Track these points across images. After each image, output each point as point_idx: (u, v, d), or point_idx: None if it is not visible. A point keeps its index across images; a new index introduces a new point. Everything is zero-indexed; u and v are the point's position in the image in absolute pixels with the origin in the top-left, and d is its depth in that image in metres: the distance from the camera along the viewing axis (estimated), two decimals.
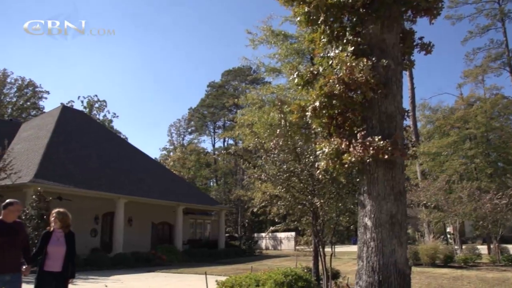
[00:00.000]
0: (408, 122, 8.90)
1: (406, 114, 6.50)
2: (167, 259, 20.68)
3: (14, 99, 54.22)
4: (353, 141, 5.74)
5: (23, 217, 15.20)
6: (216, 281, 7.43)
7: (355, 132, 5.98)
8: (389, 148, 5.46)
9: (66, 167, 20.47)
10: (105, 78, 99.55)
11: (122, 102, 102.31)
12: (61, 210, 5.75)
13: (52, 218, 5.65)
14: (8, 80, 52.65)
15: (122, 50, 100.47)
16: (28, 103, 55.08)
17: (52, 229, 5.63)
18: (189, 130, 72.94)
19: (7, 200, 5.38)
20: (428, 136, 40.68)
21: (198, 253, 24.09)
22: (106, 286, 11.23)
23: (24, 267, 5.36)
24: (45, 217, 15.10)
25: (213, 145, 71.86)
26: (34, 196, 15.49)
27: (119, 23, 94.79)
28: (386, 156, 5.48)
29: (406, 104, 25.57)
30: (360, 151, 5.53)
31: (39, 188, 16.08)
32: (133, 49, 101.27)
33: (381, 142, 5.51)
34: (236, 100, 18.91)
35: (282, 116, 8.51)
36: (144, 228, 25.63)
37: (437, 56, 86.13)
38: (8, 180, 16.51)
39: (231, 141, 64.69)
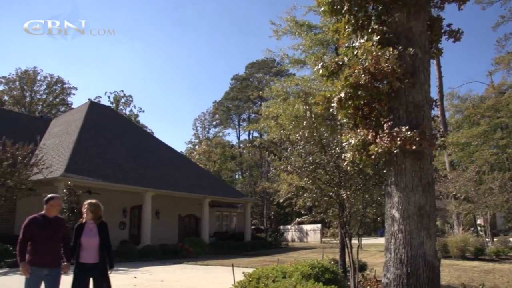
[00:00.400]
0: (436, 112, 8.68)
1: (434, 103, 6.37)
2: (194, 251, 20.95)
3: (44, 96, 55.74)
4: (380, 131, 5.67)
5: None
6: (243, 273, 7.48)
7: (382, 122, 5.90)
8: (417, 139, 5.36)
9: (95, 162, 20.94)
10: (131, 73, 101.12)
11: (148, 97, 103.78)
12: (93, 201, 5.68)
13: (84, 210, 5.59)
14: (38, 77, 54.17)
15: (147, 45, 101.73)
16: (57, 100, 56.55)
17: (84, 220, 5.57)
18: (214, 123, 73.41)
19: (48, 195, 5.38)
20: (457, 126, 39.72)
21: (224, 245, 24.31)
22: (135, 277, 11.48)
23: (63, 263, 5.36)
24: (75, 210, 15.54)
25: (238, 138, 72.20)
26: (64, 190, 15.92)
27: (142, 17, 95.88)
28: (413, 147, 5.39)
29: (434, 93, 24.94)
30: (387, 142, 5.45)
31: (69, 182, 16.51)
32: (157, 43, 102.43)
33: (409, 132, 5.42)
34: (260, 92, 18.89)
35: (307, 107, 8.45)
36: (171, 221, 26.03)
37: (466, 43, 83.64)
38: (41, 175, 17.01)
39: (256, 134, 64.84)
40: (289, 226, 40.13)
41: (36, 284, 5.01)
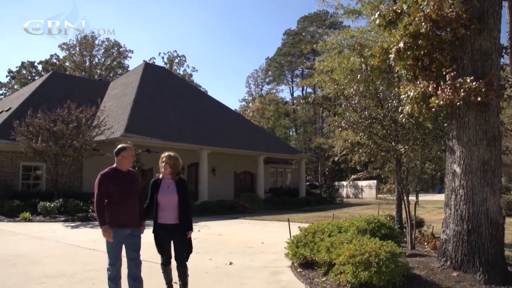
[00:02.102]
0: (505, 60, 8.01)
1: (503, 51, 5.87)
2: (249, 207, 21.46)
3: (102, 60, 57.77)
4: (441, 83, 5.36)
5: None
6: (299, 227, 7.58)
7: (444, 73, 5.56)
8: (483, 89, 5.02)
9: (152, 121, 21.63)
10: (183, 33, 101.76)
11: (201, 57, 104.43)
12: (172, 154, 4.99)
13: (162, 164, 4.91)
14: (96, 42, 56.01)
15: (198, 4, 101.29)
16: (115, 63, 58.48)
17: (161, 176, 4.96)
18: (267, 80, 72.96)
19: (119, 146, 4.76)
20: None
21: (279, 201, 24.69)
22: (199, 230, 11.99)
23: (141, 223, 4.79)
24: (136, 168, 16.27)
25: (292, 94, 71.54)
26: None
27: None
28: (478, 98, 5.06)
29: (504, 39, 23.06)
30: (449, 93, 5.14)
31: (129, 142, 17.21)
32: (209, 2, 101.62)
33: (474, 83, 5.08)
34: (314, 46, 18.32)
35: (363, 60, 8.12)
36: (227, 178, 26.69)
37: None
38: (103, 136, 17.88)
39: (309, 90, 63.88)
40: (344, 182, 39.95)
41: (120, 245, 4.50)
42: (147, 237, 4.89)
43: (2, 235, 10.96)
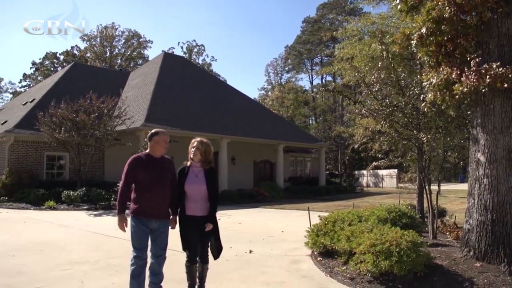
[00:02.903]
0: None
1: None
2: (269, 195, 21.50)
3: (122, 50, 58.35)
4: (466, 69, 5.21)
5: None
6: (319, 216, 7.56)
7: (468, 59, 5.40)
8: (510, 75, 4.86)
9: (172, 111, 21.77)
10: (202, 22, 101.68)
11: (219, 46, 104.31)
12: (204, 140, 4.63)
13: (192, 149, 4.53)
14: (116, 33, 56.56)
15: None
16: (135, 53, 58.98)
17: (189, 163, 4.57)
18: (286, 68, 72.57)
19: (152, 130, 4.46)
20: None
21: (299, 190, 24.65)
22: (219, 219, 12.09)
23: (171, 217, 4.45)
24: None
25: (311, 83, 71.05)
26: (145, 139, 16.82)
27: None
28: (505, 85, 4.91)
29: None
30: (474, 80, 5.01)
31: (147, 134, 17.38)
32: None
33: (500, 68, 4.93)
34: (334, 33, 18.06)
35: (384, 47, 7.97)
36: (247, 166, 26.77)
37: None
38: (124, 126, 18.09)
39: (329, 78, 63.34)
40: (364, 171, 39.64)
41: (144, 237, 4.14)
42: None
43: (29, 222, 11.26)
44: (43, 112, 16.75)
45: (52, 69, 55.35)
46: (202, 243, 4.48)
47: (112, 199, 15.64)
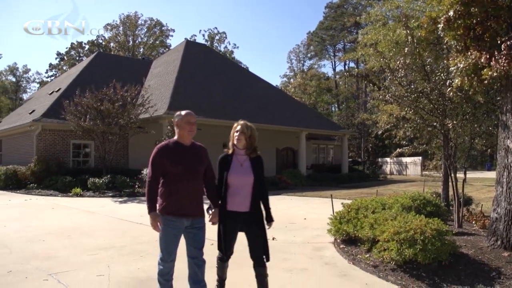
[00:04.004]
0: None
1: None
2: (291, 183, 21.47)
3: (145, 39, 58.82)
4: (496, 53, 5.03)
5: None
6: (342, 203, 7.52)
7: (498, 42, 5.21)
8: None
9: (194, 99, 21.88)
10: (224, 10, 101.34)
11: (241, 33, 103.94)
12: (248, 123, 4.06)
13: (236, 134, 3.95)
14: (139, 22, 57.04)
15: None
16: (157, 42, 59.37)
17: (231, 151, 3.97)
18: (309, 55, 71.90)
19: (179, 112, 3.84)
20: None
21: (321, 177, 24.54)
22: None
23: (210, 211, 3.88)
24: None
25: (334, 69, 70.21)
26: (169, 127, 16.99)
27: None
28: None
29: None
30: (505, 64, 4.83)
31: (172, 119, 17.52)
32: None
33: None
34: (357, 18, 17.73)
35: (409, 32, 7.78)
36: (269, 154, 26.75)
37: None
38: (147, 114, 18.29)
39: (352, 64, 62.39)
40: (387, 159, 39.12)
41: (175, 238, 3.62)
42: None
43: (57, 209, 11.58)
44: (69, 101, 17.07)
45: (77, 58, 56.27)
46: (252, 244, 3.86)
47: (137, 186, 15.90)
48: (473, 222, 7.90)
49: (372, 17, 13.90)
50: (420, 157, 35.66)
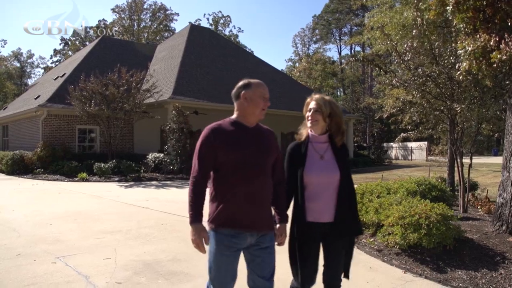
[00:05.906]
0: None
1: None
2: None
3: (149, 24, 58.50)
4: (506, 35, 4.93)
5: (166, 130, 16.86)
6: None
7: (509, 24, 5.10)
8: None
9: (199, 83, 21.81)
10: None
11: (246, 17, 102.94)
12: (326, 96, 2.87)
13: (309, 112, 2.85)
14: (144, 6, 56.68)
15: None
16: (161, 26, 59.03)
17: (303, 137, 2.93)
18: (314, 39, 71.14)
19: (244, 81, 2.80)
20: None
21: None
22: None
23: (277, 225, 2.63)
24: (185, 130, 16.60)
25: (339, 53, 69.55)
26: (174, 112, 16.98)
27: None
28: None
29: None
30: None
31: (177, 104, 17.53)
32: None
33: None
34: (364, 1, 17.49)
35: (418, 14, 7.65)
36: None
37: None
38: (152, 99, 18.25)
39: (358, 48, 61.79)
40: (392, 144, 38.98)
41: (232, 263, 2.45)
42: None
43: (64, 193, 11.67)
44: (74, 86, 17.06)
45: (82, 43, 56.14)
46: (331, 260, 2.77)
47: (142, 170, 15.97)
48: (479, 207, 7.88)
49: (379, 0, 13.70)
50: (426, 142, 35.50)
